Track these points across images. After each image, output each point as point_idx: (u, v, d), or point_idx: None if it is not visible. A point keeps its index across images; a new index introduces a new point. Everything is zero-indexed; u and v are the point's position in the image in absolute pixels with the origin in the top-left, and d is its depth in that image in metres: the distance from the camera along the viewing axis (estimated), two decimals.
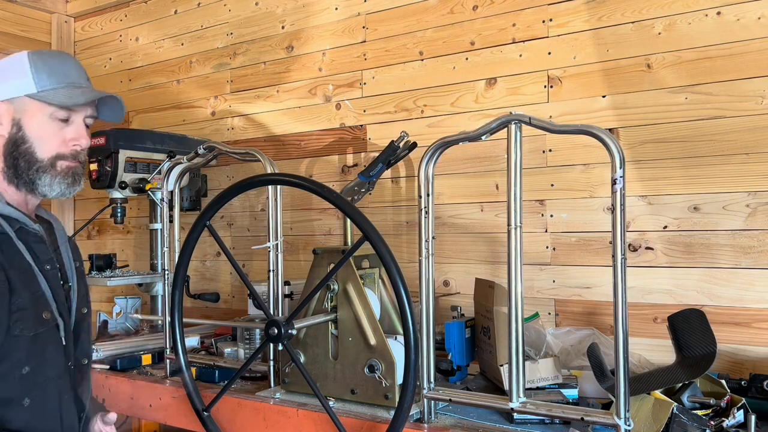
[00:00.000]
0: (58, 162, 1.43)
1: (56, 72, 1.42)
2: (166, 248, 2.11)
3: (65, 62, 1.47)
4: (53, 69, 1.42)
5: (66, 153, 1.44)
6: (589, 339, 1.86)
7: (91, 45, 3.41)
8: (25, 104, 1.41)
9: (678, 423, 1.40)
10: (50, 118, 1.42)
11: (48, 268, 1.42)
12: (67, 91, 1.42)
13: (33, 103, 1.41)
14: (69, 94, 1.42)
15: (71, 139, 1.44)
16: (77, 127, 1.45)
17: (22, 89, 1.40)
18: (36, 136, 1.41)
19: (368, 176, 1.96)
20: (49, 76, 1.41)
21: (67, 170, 1.44)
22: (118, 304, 2.62)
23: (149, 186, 2.45)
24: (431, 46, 2.35)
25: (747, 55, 1.84)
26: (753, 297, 1.83)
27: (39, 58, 1.43)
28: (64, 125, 1.43)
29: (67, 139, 1.44)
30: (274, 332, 1.50)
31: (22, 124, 1.41)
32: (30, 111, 1.41)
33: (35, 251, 1.41)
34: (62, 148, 1.43)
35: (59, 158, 1.43)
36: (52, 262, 1.44)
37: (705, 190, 1.89)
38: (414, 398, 1.41)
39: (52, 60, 1.45)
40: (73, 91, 1.43)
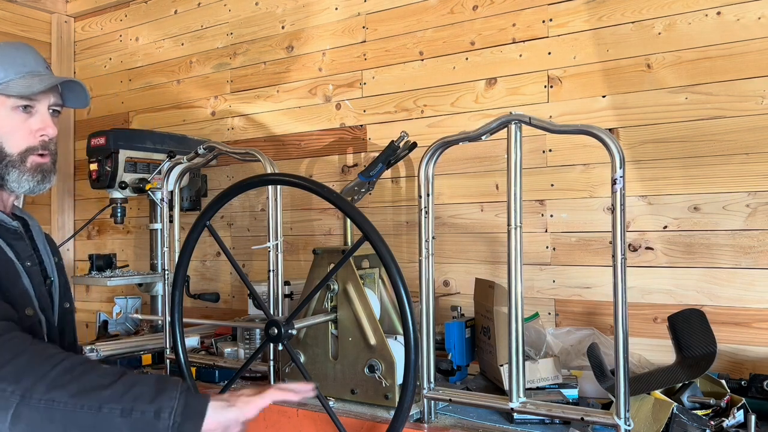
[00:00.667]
0: (29, 157, 1.40)
1: (13, 62, 1.39)
2: (166, 248, 2.11)
3: (21, 51, 1.44)
4: (9, 59, 1.40)
5: (35, 145, 1.41)
6: (589, 339, 1.86)
7: (91, 45, 3.41)
8: None
9: (678, 423, 1.40)
10: (12, 110, 1.39)
11: (29, 264, 1.41)
12: (24, 80, 1.39)
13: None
14: (27, 83, 1.39)
15: (37, 129, 1.41)
16: (42, 117, 1.42)
17: None
18: (2, 131, 1.39)
19: (368, 176, 1.96)
20: (5, 66, 1.38)
21: (36, 167, 1.41)
22: (118, 304, 2.62)
23: (149, 186, 2.45)
24: (431, 46, 2.35)
25: (747, 55, 1.84)
26: (753, 297, 1.83)
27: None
28: (27, 116, 1.40)
29: (33, 130, 1.41)
30: (274, 332, 1.50)
31: None
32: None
33: (15, 248, 1.39)
34: (30, 140, 1.41)
35: (29, 152, 1.40)
36: (32, 259, 1.42)
37: (705, 190, 1.89)
38: (414, 398, 1.41)
39: (9, 50, 1.42)
40: (31, 80, 1.39)
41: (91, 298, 3.35)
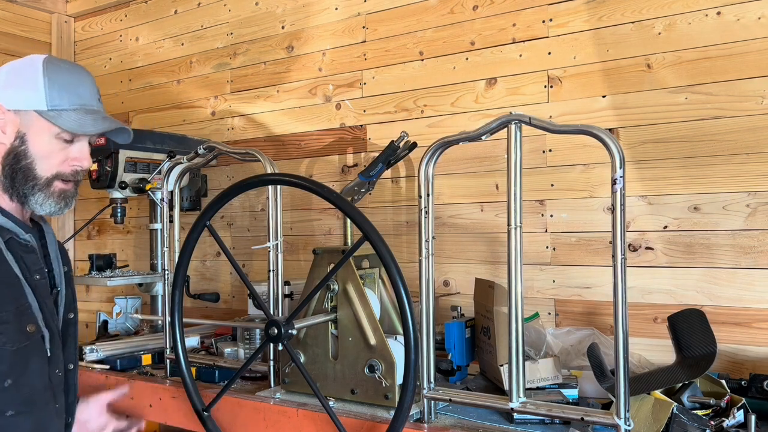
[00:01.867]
0: (55, 182, 1.40)
1: (69, 90, 1.38)
2: (166, 248, 2.11)
3: (79, 79, 1.42)
4: (66, 86, 1.38)
5: (65, 172, 1.41)
6: (589, 339, 1.86)
7: (91, 45, 3.41)
8: (32, 119, 1.37)
9: (678, 423, 1.40)
10: (55, 137, 1.38)
11: (38, 278, 1.40)
12: (77, 115, 1.38)
13: (40, 120, 1.37)
14: (79, 120, 1.38)
15: (74, 158, 1.41)
16: (81, 148, 1.42)
17: (32, 104, 1.36)
18: (38, 154, 1.38)
19: (368, 176, 1.96)
20: (60, 93, 1.37)
21: (60, 192, 1.41)
22: (118, 304, 2.62)
23: (149, 186, 2.45)
24: (431, 46, 2.35)
25: (747, 55, 1.84)
26: (753, 297, 1.83)
27: (54, 70, 1.38)
28: (68, 145, 1.40)
29: (69, 159, 1.41)
30: (274, 332, 1.50)
31: (26, 139, 1.37)
32: (36, 127, 1.37)
33: (25, 261, 1.39)
34: (62, 167, 1.41)
35: (57, 177, 1.40)
36: (41, 272, 1.42)
37: (705, 190, 1.89)
38: (414, 398, 1.41)
39: (66, 76, 1.40)
40: (83, 116, 1.39)
41: (91, 298, 3.35)
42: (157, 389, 1.97)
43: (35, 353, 1.39)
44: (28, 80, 1.37)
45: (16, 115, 1.37)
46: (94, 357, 2.18)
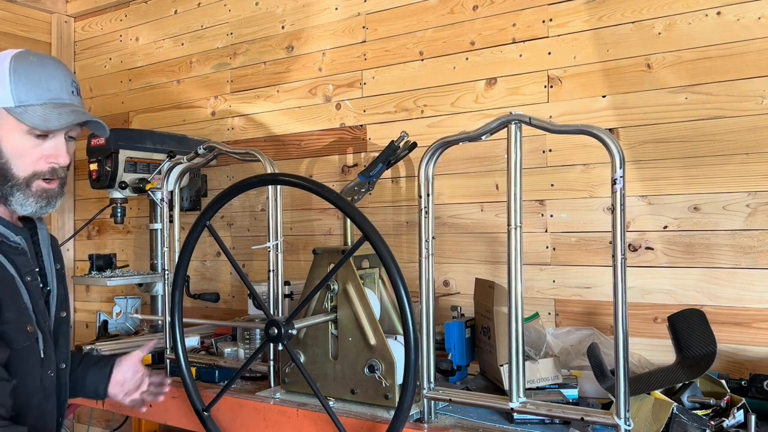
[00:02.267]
0: (35, 181, 1.37)
1: (37, 84, 1.33)
2: (166, 248, 2.11)
3: (49, 72, 1.37)
4: (34, 80, 1.33)
5: (43, 170, 1.37)
6: (589, 339, 1.86)
7: (91, 45, 3.41)
8: (2, 117, 1.33)
9: (678, 423, 1.40)
10: (26, 133, 1.34)
11: (29, 279, 1.39)
12: (43, 110, 1.33)
13: (9, 117, 1.33)
14: (45, 115, 1.33)
15: (49, 155, 1.37)
16: (56, 144, 1.38)
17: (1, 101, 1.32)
18: (12, 153, 1.34)
19: (368, 176, 1.96)
20: (27, 89, 1.32)
21: (41, 192, 1.38)
22: (118, 304, 2.62)
23: (149, 186, 2.45)
24: (431, 46, 2.35)
25: (747, 55, 1.84)
26: (753, 297, 1.83)
27: (22, 65, 1.34)
28: (41, 141, 1.36)
29: (45, 156, 1.37)
30: (274, 332, 1.50)
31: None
32: (6, 126, 1.33)
33: (16, 263, 1.37)
34: (39, 165, 1.37)
35: (35, 176, 1.37)
36: (33, 274, 1.41)
37: (705, 190, 1.89)
38: (414, 398, 1.41)
39: (36, 69, 1.35)
40: (50, 111, 1.34)
41: (91, 298, 3.35)
42: None
43: (32, 354, 1.39)
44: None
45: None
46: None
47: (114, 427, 3.07)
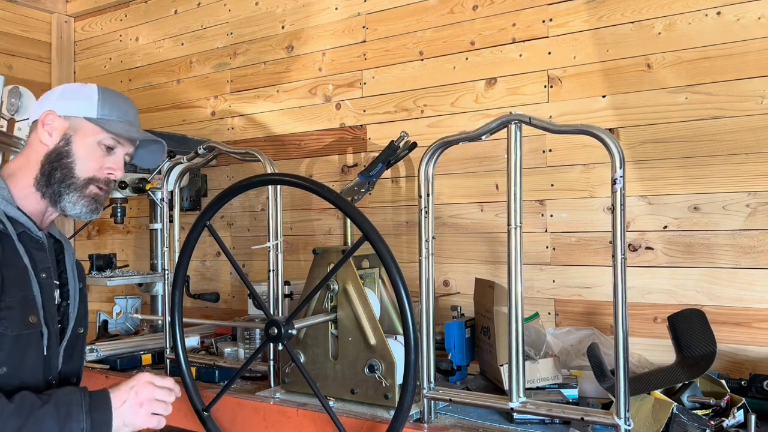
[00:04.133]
0: (90, 185, 1.50)
1: (118, 107, 1.53)
2: (166, 248, 2.11)
3: (128, 103, 1.58)
4: (115, 104, 1.53)
5: (100, 178, 1.51)
6: (589, 339, 1.86)
7: (91, 45, 3.41)
8: (81, 124, 1.49)
9: (678, 423, 1.40)
10: (99, 144, 1.50)
11: (44, 276, 1.44)
12: (123, 125, 1.52)
13: (89, 125, 1.49)
14: (126, 128, 1.52)
15: (109, 167, 1.52)
16: (117, 159, 1.53)
17: (83, 111, 1.50)
18: (81, 155, 1.48)
19: (368, 176, 1.96)
20: (111, 108, 1.52)
21: (93, 196, 1.51)
22: (118, 304, 2.61)
23: (149, 186, 2.45)
24: (431, 46, 2.35)
25: (747, 55, 1.84)
26: (753, 297, 1.83)
27: (106, 91, 1.54)
28: (106, 154, 1.51)
29: (105, 166, 1.51)
30: (274, 332, 1.50)
31: (71, 141, 1.48)
32: (83, 131, 1.49)
33: (34, 257, 1.43)
34: (98, 173, 1.51)
35: (92, 181, 1.50)
36: (48, 271, 1.46)
37: (705, 190, 1.89)
38: (414, 398, 1.41)
39: (116, 96, 1.56)
40: (129, 127, 1.53)
41: (91, 298, 3.34)
42: None
43: (33, 346, 1.40)
44: (82, 94, 1.52)
45: (66, 120, 1.49)
46: (94, 357, 2.18)
47: None
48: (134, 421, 1.40)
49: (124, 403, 1.39)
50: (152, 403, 1.43)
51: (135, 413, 1.40)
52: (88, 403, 1.33)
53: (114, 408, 1.36)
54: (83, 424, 1.31)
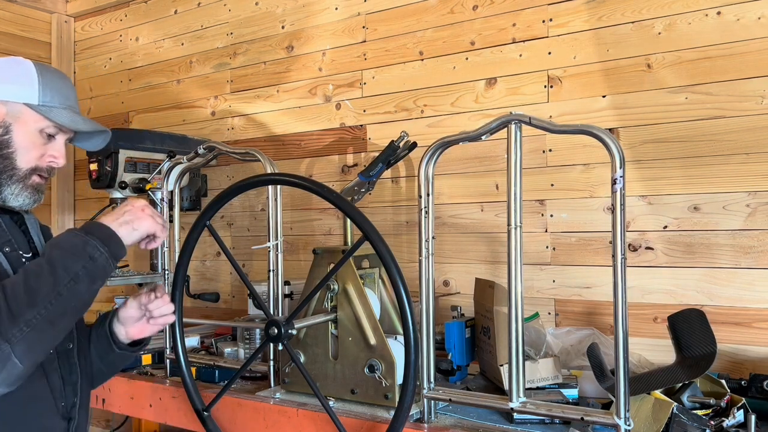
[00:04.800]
0: (33, 175, 1.43)
1: (60, 92, 1.44)
2: (166, 248, 2.11)
3: (67, 85, 1.49)
4: (57, 88, 1.44)
5: (42, 167, 1.44)
6: (589, 339, 1.86)
7: (91, 45, 3.41)
8: (21, 112, 1.40)
9: (678, 423, 1.40)
10: (41, 132, 1.42)
11: (7, 250, 1.40)
12: (67, 113, 1.43)
13: (30, 113, 1.40)
14: (71, 117, 1.44)
15: (51, 155, 1.45)
16: (59, 146, 1.46)
17: (24, 97, 1.40)
18: (22, 145, 1.40)
19: (368, 176, 1.96)
20: (52, 93, 1.42)
21: (36, 186, 1.44)
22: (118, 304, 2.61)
23: (149, 186, 2.45)
24: (431, 46, 2.35)
25: (747, 55, 1.84)
26: (753, 297, 1.83)
27: (45, 72, 1.44)
28: (47, 141, 1.44)
29: (47, 154, 1.44)
30: (274, 332, 1.50)
31: (11, 129, 1.40)
32: (24, 119, 1.40)
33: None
34: (40, 161, 1.44)
35: (35, 171, 1.43)
36: (11, 245, 1.42)
37: (705, 190, 1.89)
38: (414, 398, 1.41)
39: (57, 79, 1.46)
40: (74, 115, 1.45)
41: None
42: (157, 389, 1.97)
43: None
44: (21, 76, 1.40)
45: (4, 105, 1.39)
46: None
47: (114, 427, 3.07)
48: (141, 224, 1.37)
49: (122, 215, 1.36)
50: (151, 209, 1.40)
51: (138, 217, 1.37)
52: (83, 230, 1.30)
53: (110, 223, 1.34)
54: (93, 243, 1.28)
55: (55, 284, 1.22)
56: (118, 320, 1.56)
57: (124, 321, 1.55)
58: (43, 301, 1.20)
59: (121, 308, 1.56)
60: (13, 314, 1.18)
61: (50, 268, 1.24)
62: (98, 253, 1.28)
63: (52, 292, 1.22)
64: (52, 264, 1.24)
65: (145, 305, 1.52)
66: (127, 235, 1.35)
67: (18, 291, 1.20)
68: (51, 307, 1.21)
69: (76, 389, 1.48)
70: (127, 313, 1.54)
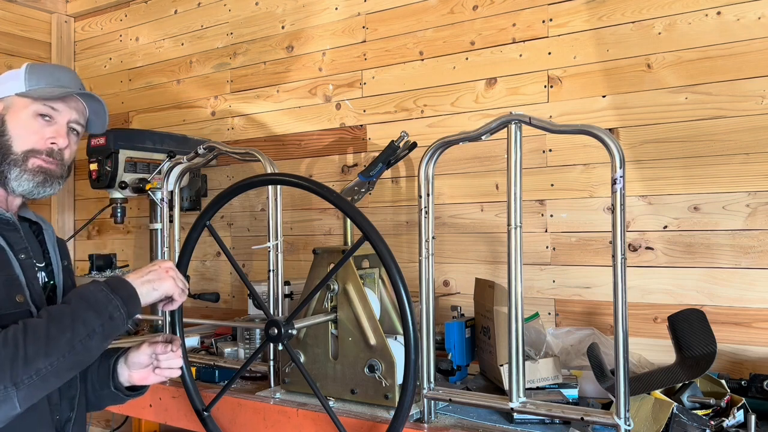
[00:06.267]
0: (31, 158, 1.43)
1: (48, 76, 1.46)
2: (166, 248, 2.11)
3: (60, 70, 1.51)
4: (45, 73, 1.47)
5: (40, 149, 1.44)
6: (589, 339, 1.86)
7: (91, 45, 3.41)
8: (13, 101, 1.44)
9: (678, 423, 1.40)
10: (33, 116, 1.43)
11: (22, 257, 1.40)
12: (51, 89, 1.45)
13: (20, 100, 1.44)
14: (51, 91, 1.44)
15: (49, 137, 1.45)
16: (58, 128, 1.46)
17: (13, 89, 1.44)
18: (16, 131, 1.43)
19: (368, 176, 1.96)
20: (38, 78, 1.45)
21: (37, 168, 1.43)
22: None
23: (149, 186, 2.45)
24: (431, 46, 2.35)
25: (747, 55, 1.84)
26: (753, 297, 1.83)
27: (36, 65, 1.48)
28: (45, 125, 1.44)
29: (45, 137, 1.45)
30: (274, 332, 1.50)
31: (5, 119, 1.43)
32: (15, 107, 1.44)
33: (9, 239, 1.39)
34: (38, 144, 1.44)
35: (33, 153, 1.43)
36: (26, 252, 1.42)
37: (705, 190, 1.89)
38: (414, 398, 1.41)
39: (48, 67, 1.50)
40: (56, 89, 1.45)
41: None
42: (157, 389, 1.97)
43: None
44: (11, 75, 1.47)
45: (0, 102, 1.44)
46: None
47: (114, 427, 3.07)
48: (162, 285, 1.38)
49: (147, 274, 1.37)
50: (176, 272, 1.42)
51: (161, 277, 1.38)
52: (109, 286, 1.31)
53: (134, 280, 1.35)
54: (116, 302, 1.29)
55: (72, 337, 1.23)
56: (125, 362, 1.55)
57: (131, 365, 1.55)
58: (57, 353, 1.22)
59: (133, 351, 1.55)
60: (28, 360, 1.19)
61: (71, 320, 1.25)
62: (117, 313, 1.29)
63: (68, 345, 1.23)
64: (75, 315, 1.26)
65: (157, 354, 1.52)
66: (147, 294, 1.37)
67: (39, 336, 1.21)
68: (63, 360, 1.22)
69: (73, 404, 1.47)
70: (137, 358, 1.54)
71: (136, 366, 1.54)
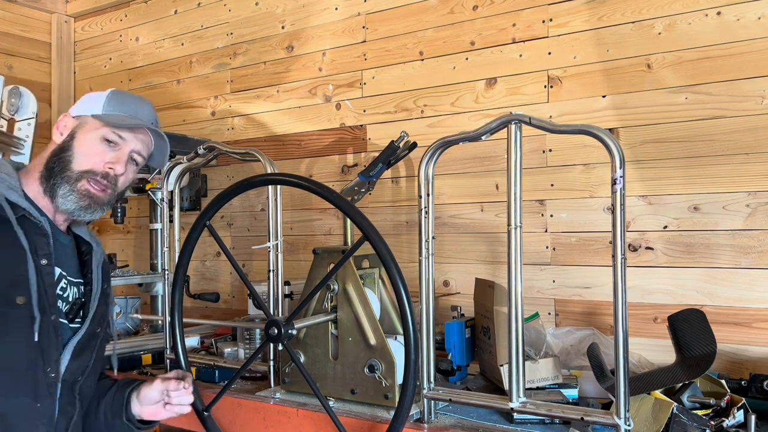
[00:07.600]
0: (84, 179, 1.47)
1: (126, 105, 1.55)
2: (166, 248, 2.11)
3: (139, 102, 1.59)
4: (125, 102, 1.55)
5: (97, 170, 1.48)
6: (589, 339, 1.86)
7: (91, 45, 3.41)
8: (87, 121, 1.52)
9: (678, 423, 1.40)
10: (100, 139, 1.50)
11: (44, 263, 1.40)
12: (124, 118, 1.52)
13: (93, 121, 1.51)
14: (123, 119, 1.51)
15: (108, 161, 1.50)
16: (120, 154, 1.51)
17: (92, 110, 1.53)
18: (80, 149, 1.48)
19: (368, 176, 1.96)
20: (117, 105, 1.54)
21: (84, 192, 1.47)
22: (117, 304, 2.61)
23: (149, 186, 2.45)
24: (431, 46, 2.35)
25: (747, 55, 1.84)
26: (753, 297, 1.83)
27: (119, 93, 1.57)
28: (109, 149, 1.50)
29: (105, 161, 1.50)
30: (274, 332, 1.50)
31: (75, 136, 1.50)
32: (87, 127, 1.51)
33: (34, 242, 1.39)
34: (96, 166, 1.49)
35: (88, 174, 1.47)
36: (49, 258, 1.42)
37: (705, 190, 1.89)
38: (414, 398, 1.41)
39: (129, 97, 1.58)
40: (128, 120, 1.52)
41: None
42: None
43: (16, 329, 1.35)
44: (94, 97, 1.56)
45: (77, 119, 1.52)
46: None
47: None
48: None
49: None
50: None
51: None
52: None
53: None
54: None
55: None
56: (137, 397, 1.59)
57: (142, 400, 1.58)
58: None
59: (145, 386, 1.58)
60: None
61: None
62: None
63: None
64: None
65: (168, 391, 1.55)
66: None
67: None
68: None
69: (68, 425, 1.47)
70: (149, 393, 1.57)
71: (147, 401, 1.58)
